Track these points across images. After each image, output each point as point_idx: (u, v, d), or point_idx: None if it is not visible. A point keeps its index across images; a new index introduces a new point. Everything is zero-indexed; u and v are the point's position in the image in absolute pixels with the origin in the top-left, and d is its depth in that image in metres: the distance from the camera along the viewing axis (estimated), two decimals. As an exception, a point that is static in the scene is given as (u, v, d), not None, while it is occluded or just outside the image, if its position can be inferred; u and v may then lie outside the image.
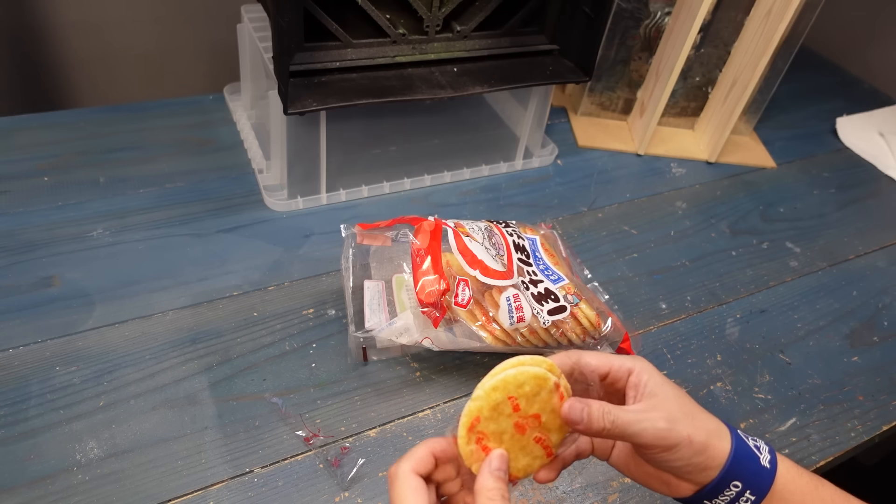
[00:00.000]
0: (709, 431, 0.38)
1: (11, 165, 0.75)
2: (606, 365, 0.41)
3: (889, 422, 0.64)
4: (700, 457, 0.38)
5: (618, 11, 0.87)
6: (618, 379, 0.41)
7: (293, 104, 0.63)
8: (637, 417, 0.38)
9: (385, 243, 0.64)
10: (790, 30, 0.87)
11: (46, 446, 0.52)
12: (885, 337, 0.73)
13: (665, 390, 0.39)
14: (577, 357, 0.41)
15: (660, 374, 0.40)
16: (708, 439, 0.38)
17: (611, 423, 0.37)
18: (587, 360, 0.41)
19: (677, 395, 0.40)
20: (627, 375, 0.40)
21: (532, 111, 0.83)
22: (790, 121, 1.10)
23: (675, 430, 0.37)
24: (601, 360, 0.41)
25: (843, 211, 0.91)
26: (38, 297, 0.62)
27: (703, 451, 0.38)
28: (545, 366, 0.38)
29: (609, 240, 0.80)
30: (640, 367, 0.40)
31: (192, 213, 0.74)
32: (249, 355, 0.60)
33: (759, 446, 0.40)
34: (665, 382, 0.40)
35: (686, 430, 0.38)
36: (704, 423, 0.39)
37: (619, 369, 0.41)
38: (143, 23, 0.95)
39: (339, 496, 0.52)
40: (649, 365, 0.41)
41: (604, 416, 0.38)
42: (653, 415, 0.38)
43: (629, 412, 0.38)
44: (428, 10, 0.69)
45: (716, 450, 0.38)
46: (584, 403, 0.38)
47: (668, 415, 0.38)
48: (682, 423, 0.38)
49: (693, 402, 0.40)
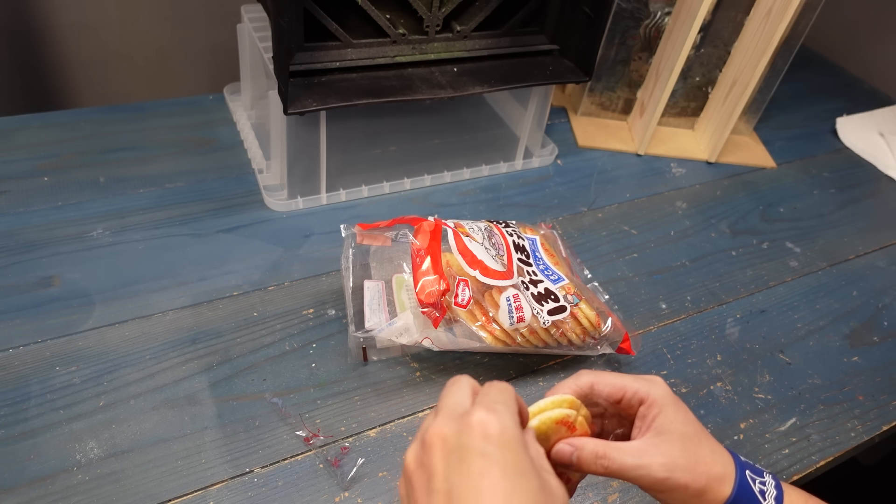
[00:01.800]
0: (710, 477, 0.38)
1: (11, 165, 0.75)
2: (620, 391, 0.40)
3: (889, 422, 0.64)
4: (696, 500, 0.38)
5: (618, 11, 0.87)
6: (630, 406, 0.40)
7: (293, 104, 0.63)
8: (634, 463, 0.37)
9: (385, 243, 0.64)
10: (790, 30, 0.87)
11: (46, 446, 0.52)
12: (885, 337, 0.73)
13: (673, 428, 0.38)
14: (591, 384, 0.40)
15: (674, 404, 0.39)
16: (707, 485, 0.37)
17: (604, 469, 0.37)
18: (599, 388, 0.40)
19: (685, 434, 0.38)
20: (639, 404, 0.40)
21: (532, 111, 0.83)
22: (790, 121, 1.10)
23: (672, 478, 0.37)
24: (615, 385, 0.40)
25: (843, 211, 0.91)
26: (38, 297, 0.62)
27: (699, 495, 0.37)
28: (566, 405, 0.38)
29: (609, 240, 0.80)
30: (653, 397, 0.39)
31: (192, 213, 0.74)
32: (249, 355, 0.60)
33: (766, 491, 0.39)
34: (675, 418, 0.39)
35: (684, 478, 0.37)
36: (707, 469, 0.38)
37: (632, 396, 0.40)
38: (143, 23, 0.95)
39: (339, 496, 0.52)
40: (664, 392, 0.40)
41: (596, 461, 0.37)
42: (651, 461, 0.37)
43: (627, 455, 0.37)
44: (428, 10, 0.69)
45: (714, 494, 0.38)
46: (575, 447, 0.37)
47: (668, 460, 0.37)
48: (681, 470, 0.37)
49: (701, 441, 0.39)
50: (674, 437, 0.38)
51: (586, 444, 0.37)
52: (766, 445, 0.60)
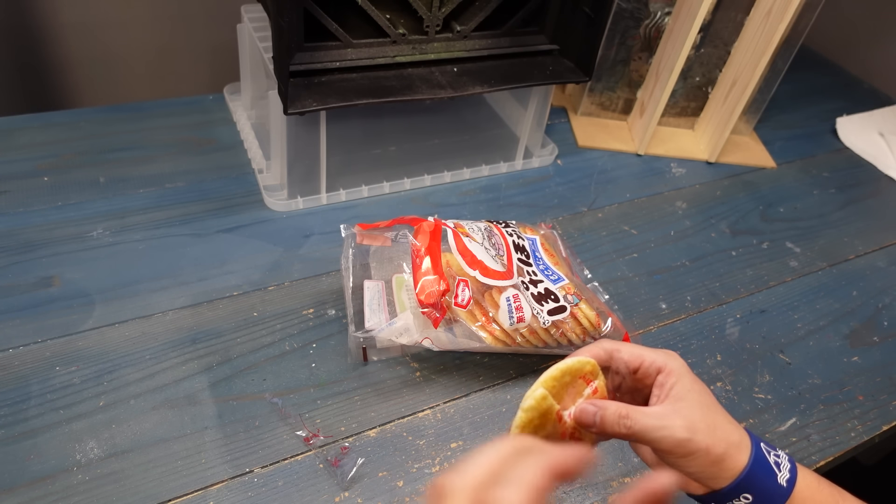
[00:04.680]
0: (728, 443, 0.38)
1: (11, 165, 0.75)
2: (638, 359, 0.41)
3: (889, 422, 0.64)
4: (715, 467, 0.38)
5: (618, 11, 0.87)
6: (647, 375, 0.41)
7: (293, 104, 0.63)
8: (657, 424, 0.37)
9: (385, 243, 0.64)
10: (790, 30, 0.87)
11: (46, 446, 0.52)
12: (885, 337, 0.73)
13: (691, 396, 0.39)
14: (612, 350, 0.42)
15: (690, 375, 0.40)
16: (727, 451, 0.38)
17: (627, 429, 0.37)
18: (620, 354, 0.41)
19: (702, 402, 0.39)
20: (656, 373, 0.40)
21: (532, 111, 0.83)
22: (790, 121, 1.10)
23: (694, 440, 0.37)
24: (633, 354, 0.41)
25: (843, 211, 0.91)
26: (38, 297, 0.62)
27: (719, 461, 0.38)
28: (585, 362, 0.39)
29: (609, 240, 0.80)
30: (671, 366, 0.40)
31: (192, 213, 0.74)
32: (249, 355, 0.60)
33: (780, 463, 0.39)
34: (692, 388, 0.39)
35: (705, 441, 0.37)
36: (726, 435, 0.38)
37: (649, 366, 0.41)
38: (143, 23, 0.95)
39: (339, 496, 0.52)
40: (680, 364, 0.41)
41: (619, 421, 0.38)
42: (673, 422, 0.37)
43: (650, 417, 0.38)
44: (428, 10, 0.69)
45: (733, 461, 0.38)
46: (599, 407, 0.38)
47: (690, 423, 0.37)
48: (703, 433, 0.37)
49: (718, 410, 0.40)
50: (693, 403, 0.39)
51: (609, 405, 0.38)
52: (766, 445, 0.60)
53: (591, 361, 0.40)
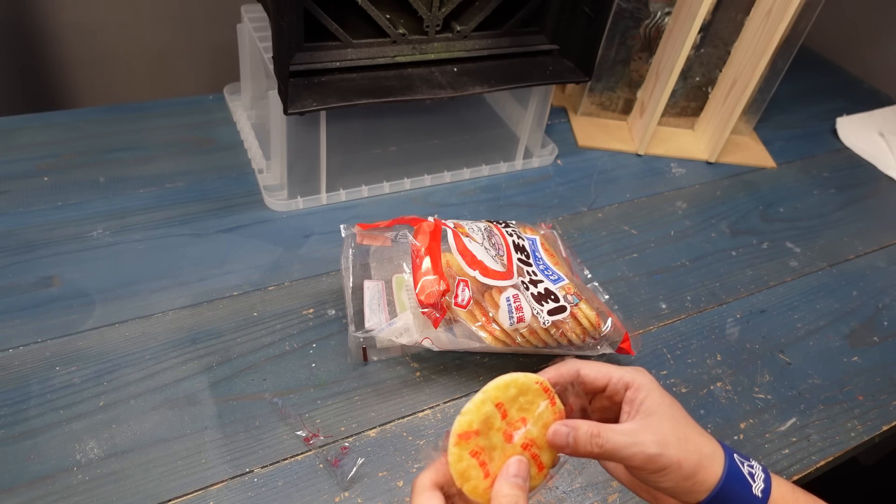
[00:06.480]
0: (701, 455, 0.38)
1: (11, 165, 0.75)
2: (605, 377, 0.40)
3: (889, 422, 0.64)
4: (689, 481, 0.37)
5: (618, 11, 0.87)
6: (615, 392, 0.40)
7: (293, 104, 0.63)
8: (628, 441, 0.37)
9: (385, 243, 0.64)
10: (790, 30, 0.87)
11: (46, 446, 0.52)
12: (885, 337, 0.73)
13: (662, 410, 0.39)
14: (577, 369, 0.41)
15: (659, 390, 0.40)
16: (700, 462, 0.38)
17: (599, 448, 0.37)
18: (586, 371, 0.41)
19: (673, 415, 0.39)
20: (625, 389, 0.40)
21: (532, 111, 0.83)
22: (790, 121, 1.10)
23: (665, 454, 0.37)
24: (600, 372, 0.41)
25: (843, 211, 0.91)
26: (38, 297, 0.62)
27: (692, 475, 0.37)
28: (534, 379, 0.38)
29: (609, 240, 0.80)
30: (639, 381, 0.40)
31: (192, 213, 0.74)
32: (249, 355, 0.60)
33: (754, 473, 0.39)
34: (662, 401, 0.39)
35: (677, 454, 0.37)
36: (698, 447, 0.38)
37: (617, 382, 0.40)
38: (143, 23, 0.95)
39: (339, 496, 0.52)
40: (649, 379, 0.40)
41: (591, 441, 0.37)
42: (644, 438, 0.37)
43: (620, 434, 0.37)
44: (428, 10, 0.69)
45: (706, 474, 0.38)
46: (571, 427, 0.37)
47: (660, 438, 0.37)
48: (674, 447, 0.37)
49: (689, 423, 0.39)
50: (663, 417, 0.38)
51: (581, 425, 0.37)
52: (766, 445, 0.60)
53: (540, 380, 0.39)
